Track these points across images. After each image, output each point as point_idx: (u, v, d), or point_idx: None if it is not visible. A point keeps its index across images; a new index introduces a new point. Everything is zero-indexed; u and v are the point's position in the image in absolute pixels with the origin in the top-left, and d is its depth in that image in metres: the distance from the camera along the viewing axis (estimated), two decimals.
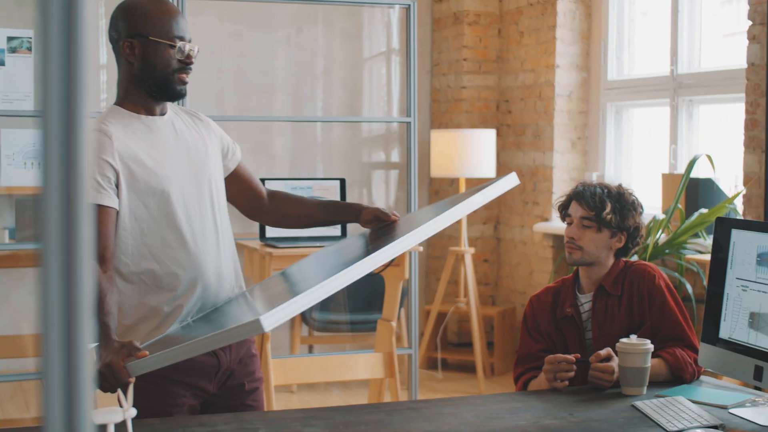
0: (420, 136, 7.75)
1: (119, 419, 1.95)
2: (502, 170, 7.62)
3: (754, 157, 5.32)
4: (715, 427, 2.76)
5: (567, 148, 7.13)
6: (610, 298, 3.41)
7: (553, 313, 3.50)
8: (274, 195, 3.39)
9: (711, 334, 3.12)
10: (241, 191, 3.33)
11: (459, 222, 7.09)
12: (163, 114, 3.09)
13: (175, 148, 3.07)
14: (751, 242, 2.97)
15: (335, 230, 5.45)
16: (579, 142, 7.17)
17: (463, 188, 7.02)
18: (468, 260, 7.06)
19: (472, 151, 6.90)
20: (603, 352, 3.21)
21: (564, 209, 3.52)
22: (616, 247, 3.44)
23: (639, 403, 2.97)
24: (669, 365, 3.27)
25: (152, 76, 3.01)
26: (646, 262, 3.49)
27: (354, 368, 5.53)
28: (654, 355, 3.21)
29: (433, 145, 7.08)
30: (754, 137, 5.33)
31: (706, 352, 3.15)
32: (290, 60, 7.47)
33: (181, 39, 3.02)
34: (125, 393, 2.45)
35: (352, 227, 4.52)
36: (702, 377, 3.34)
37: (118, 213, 2.96)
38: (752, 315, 2.96)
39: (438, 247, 7.97)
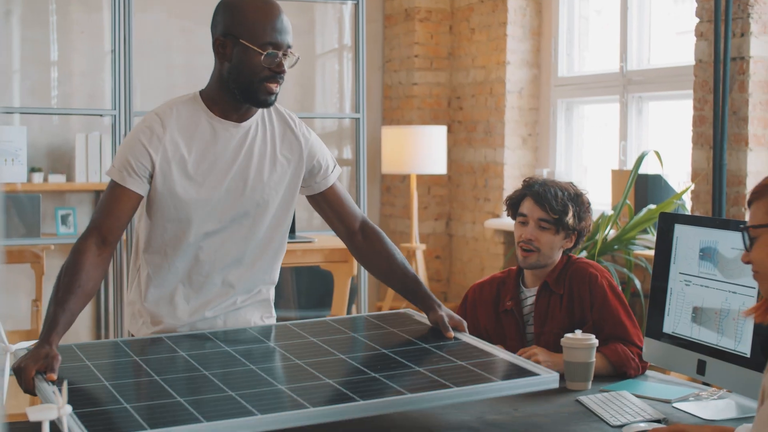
0: (371, 133, 7.75)
1: (54, 416, 1.93)
2: (452, 167, 7.63)
3: (702, 153, 5.35)
4: (657, 420, 2.77)
5: (518, 145, 7.15)
6: (552, 295, 3.42)
7: (495, 305, 3.51)
8: (368, 236, 3.25)
9: (655, 329, 3.13)
10: (328, 216, 3.25)
11: (410, 218, 7.09)
12: (241, 120, 3.01)
13: (231, 160, 3.00)
14: (694, 237, 2.98)
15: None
16: (530, 139, 7.19)
17: (413, 185, 7.02)
18: (419, 257, 7.06)
19: (423, 148, 6.90)
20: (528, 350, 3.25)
21: (515, 207, 3.50)
22: (566, 246, 3.45)
23: (583, 398, 2.97)
24: (610, 361, 3.28)
25: (237, 80, 2.93)
26: (589, 261, 3.49)
27: None
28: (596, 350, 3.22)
29: (384, 141, 7.07)
30: (702, 133, 5.36)
31: (650, 346, 3.16)
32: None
33: (276, 46, 2.90)
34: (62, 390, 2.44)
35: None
36: (648, 372, 3.35)
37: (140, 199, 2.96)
38: (695, 309, 2.97)
39: None
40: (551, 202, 3.38)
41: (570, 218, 3.39)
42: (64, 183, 6.40)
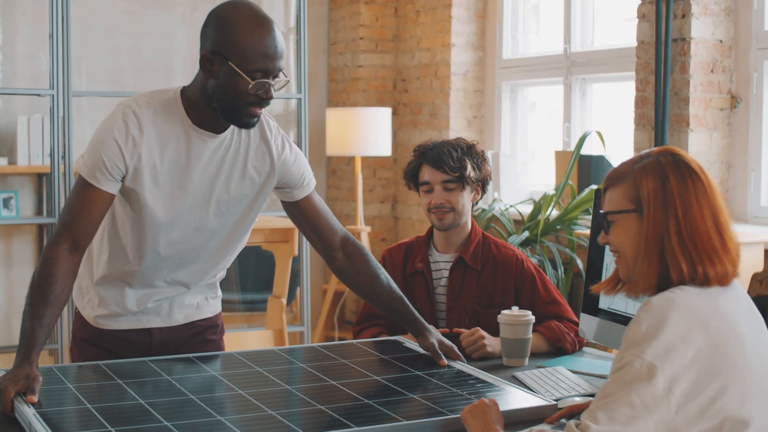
0: (317, 115, 7.73)
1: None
2: (398, 149, 7.63)
3: (644, 133, 5.38)
4: (591, 395, 2.78)
5: (463, 127, 7.15)
6: (468, 270, 3.45)
7: (403, 268, 3.52)
8: (350, 254, 3.16)
9: (591, 305, 3.14)
10: (304, 228, 3.15)
11: (355, 201, 7.08)
12: (218, 131, 2.89)
13: (201, 172, 2.90)
14: None
15: None
16: (475, 121, 7.19)
17: (359, 167, 7.00)
18: (365, 239, 7.05)
19: (368, 130, 6.88)
20: (466, 331, 3.27)
21: (414, 178, 3.50)
22: (476, 199, 3.50)
23: (519, 374, 2.98)
24: (546, 338, 3.30)
25: (221, 101, 2.78)
26: (507, 244, 3.52)
27: (245, 346, 5.50)
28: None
29: (329, 123, 7.05)
30: (644, 114, 5.39)
31: (587, 322, 3.17)
32: (187, 39, 7.37)
33: (265, 74, 2.74)
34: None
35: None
36: (585, 348, 3.37)
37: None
38: None
39: None
40: (448, 161, 3.40)
41: (470, 171, 3.42)
42: (6, 166, 6.33)
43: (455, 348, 3.07)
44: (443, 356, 3.01)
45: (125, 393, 2.65)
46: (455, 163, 3.40)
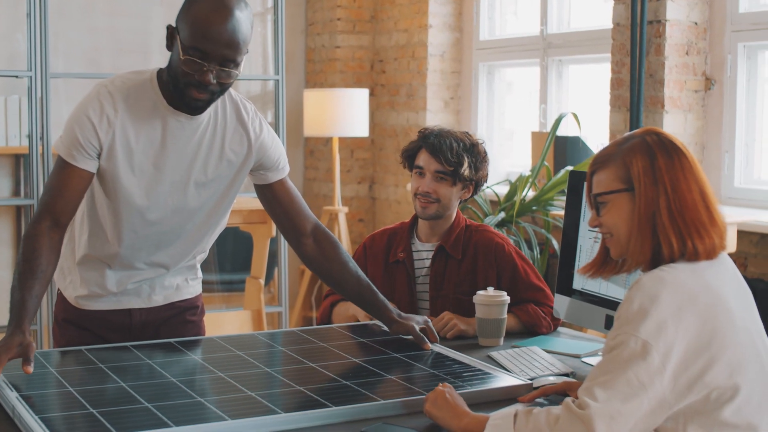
0: (295, 96, 7.74)
1: None
2: (375, 130, 7.65)
3: (619, 115, 5.42)
4: (566, 374, 2.82)
5: (440, 108, 7.18)
6: (450, 259, 3.47)
7: (385, 255, 3.54)
8: (320, 241, 3.18)
9: (565, 286, 3.18)
10: (276, 212, 3.16)
11: (333, 181, 7.11)
12: (193, 114, 2.89)
13: (178, 154, 2.91)
14: None
15: None
16: (452, 102, 7.22)
17: (336, 148, 7.02)
18: (342, 219, 7.08)
19: (345, 111, 6.90)
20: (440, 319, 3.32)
21: (411, 159, 3.50)
22: (465, 197, 3.48)
23: (495, 353, 3.02)
24: (523, 322, 3.35)
25: (169, 76, 2.81)
26: (490, 229, 3.54)
27: (224, 326, 5.54)
28: (509, 311, 3.27)
29: (307, 104, 7.06)
30: (619, 96, 5.43)
31: (561, 303, 3.21)
32: (164, 18, 7.36)
33: (203, 55, 2.71)
34: None
35: None
36: (560, 328, 3.42)
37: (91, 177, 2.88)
38: None
39: (313, 207, 7.94)
40: (446, 153, 3.38)
41: (465, 169, 3.40)
42: None
43: (434, 331, 3.11)
44: (426, 340, 3.05)
45: (107, 377, 2.68)
46: (453, 157, 3.39)
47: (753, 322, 2.28)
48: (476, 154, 3.45)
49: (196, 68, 2.72)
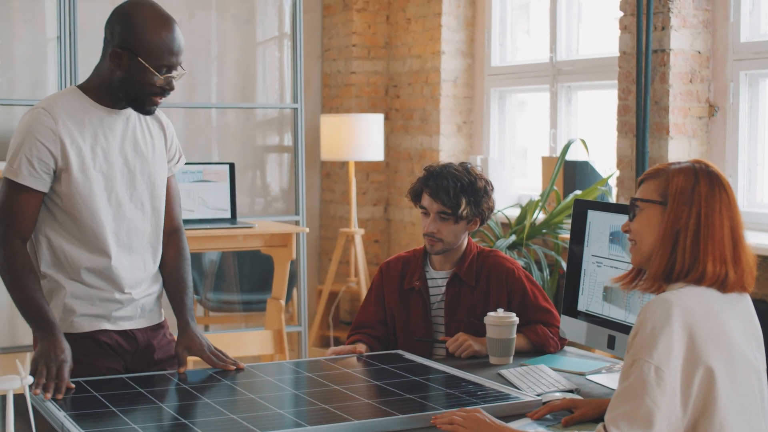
0: (311, 120, 7.92)
1: (17, 386, 2.13)
2: (390, 153, 7.83)
3: (626, 141, 5.60)
4: (570, 390, 3.01)
5: (453, 132, 7.36)
6: (463, 286, 3.63)
7: (399, 282, 3.70)
8: (169, 242, 3.33)
9: (571, 307, 3.37)
10: None
11: (349, 204, 7.28)
12: (122, 108, 3.14)
13: (121, 142, 3.14)
14: (605, 222, 3.23)
15: (224, 212, 5.65)
16: (464, 126, 7.40)
17: (352, 171, 7.21)
18: (358, 241, 7.25)
19: (361, 135, 7.08)
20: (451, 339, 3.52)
21: (417, 198, 3.66)
22: (471, 229, 3.66)
23: (504, 371, 3.21)
24: (531, 341, 3.55)
25: (128, 91, 3.06)
26: (502, 254, 3.70)
27: (246, 345, 5.72)
28: (519, 331, 3.46)
29: (323, 129, 7.24)
30: (626, 122, 5.60)
31: (567, 323, 3.40)
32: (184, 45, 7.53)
33: (169, 68, 3.03)
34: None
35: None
36: (567, 347, 3.61)
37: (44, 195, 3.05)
38: (605, 289, 3.22)
39: (330, 228, 8.17)
40: (443, 197, 3.55)
41: (464, 210, 3.55)
42: None
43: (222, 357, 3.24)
44: (184, 364, 3.21)
45: (146, 399, 2.89)
46: (451, 199, 3.54)
47: (756, 361, 2.42)
48: (475, 191, 3.58)
49: (169, 81, 3.05)
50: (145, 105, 3.09)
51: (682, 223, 2.41)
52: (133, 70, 3.02)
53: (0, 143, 6.74)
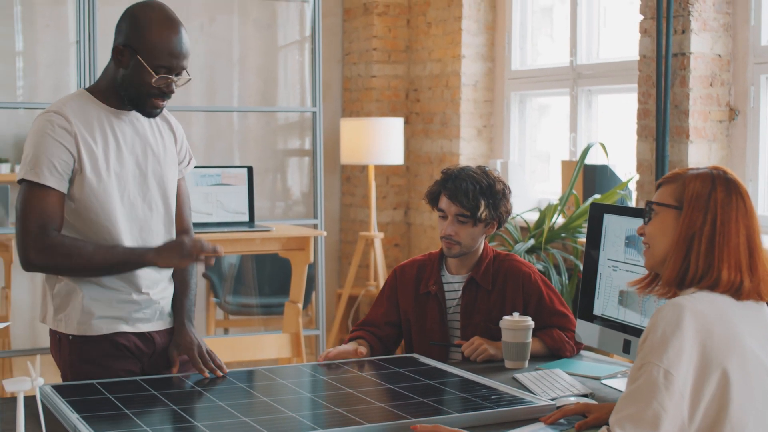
0: (332, 124, 7.93)
1: (28, 387, 2.14)
2: (410, 157, 7.83)
3: (646, 144, 5.58)
4: (585, 395, 3.00)
5: (473, 136, 7.36)
6: (480, 290, 3.62)
7: (415, 286, 3.68)
8: None
9: (587, 311, 3.35)
10: None
11: (369, 207, 7.29)
12: (129, 109, 3.15)
13: (132, 143, 3.15)
14: (621, 226, 3.21)
15: (243, 215, 5.65)
16: (485, 130, 7.40)
17: (372, 175, 7.21)
18: (378, 245, 7.26)
19: (381, 139, 7.08)
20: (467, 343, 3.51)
21: (434, 201, 3.65)
22: (489, 233, 3.64)
23: (519, 375, 3.20)
24: (547, 346, 3.53)
25: (127, 90, 3.08)
26: (518, 258, 3.69)
27: (263, 348, 5.74)
28: (535, 335, 3.45)
29: (343, 133, 7.25)
30: (645, 126, 5.58)
31: (583, 327, 3.39)
32: (204, 49, 7.58)
33: (169, 70, 3.05)
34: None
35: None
36: (582, 352, 3.59)
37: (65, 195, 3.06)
38: (621, 293, 3.20)
39: (350, 231, 8.17)
40: (462, 200, 3.53)
41: (483, 212, 3.53)
42: None
43: (214, 358, 3.24)
44: (176, 365, 3.24)
45: (160, 401, 2.90)
46: (470, 202, 3.52)
47: None
48: (494, 194, 3.57)
49: (167, 82, 3.06)
50: (145, 106, 3.11)
51: (697, 229, 2.40)
52: (133, 68, 3.05)
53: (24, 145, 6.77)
